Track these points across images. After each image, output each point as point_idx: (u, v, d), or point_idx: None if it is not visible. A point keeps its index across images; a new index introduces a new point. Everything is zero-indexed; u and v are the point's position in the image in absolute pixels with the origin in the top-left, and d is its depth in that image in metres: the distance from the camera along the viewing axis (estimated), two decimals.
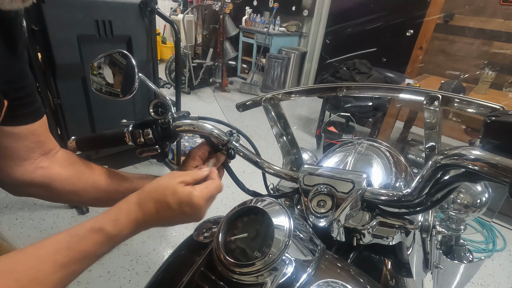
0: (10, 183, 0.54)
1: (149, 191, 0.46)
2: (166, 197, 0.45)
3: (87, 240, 0.39)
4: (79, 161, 0.60)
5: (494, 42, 3.01)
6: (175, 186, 0.46)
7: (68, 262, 0.37)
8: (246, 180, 0.63)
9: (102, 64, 0.57)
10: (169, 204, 0.45)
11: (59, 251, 0.37)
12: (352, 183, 0.49)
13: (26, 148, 0.53)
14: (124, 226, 0.43)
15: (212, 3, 4.46)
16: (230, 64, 5.14)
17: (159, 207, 0.45)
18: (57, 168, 0.56)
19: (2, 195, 2.00)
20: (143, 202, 0.45)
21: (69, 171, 0.58)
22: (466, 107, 0.58)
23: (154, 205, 0.45)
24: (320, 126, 3.00)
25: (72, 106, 1.78)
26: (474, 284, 1.75)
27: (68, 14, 1.56)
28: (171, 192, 0.45)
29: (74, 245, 0.38)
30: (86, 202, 0.61)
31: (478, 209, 0.68)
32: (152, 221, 0.45)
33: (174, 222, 0.48)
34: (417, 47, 3.41)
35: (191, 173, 0.49)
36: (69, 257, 0.37)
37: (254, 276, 0.39)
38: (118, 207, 0.44)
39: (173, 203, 0.45)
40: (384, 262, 0.67)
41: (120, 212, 0.44)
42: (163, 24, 5.67)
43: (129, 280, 1.55)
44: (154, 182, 0.47)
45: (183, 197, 0.45)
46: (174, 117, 0.58)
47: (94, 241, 0.40)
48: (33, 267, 0.34)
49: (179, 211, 0.45)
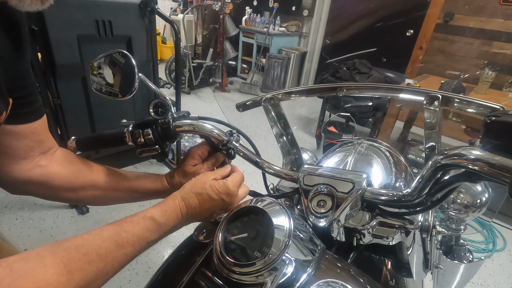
0: (8, 181, 0.54)
1: (190, 187, 0.52)
2: (206, 190, 0.51)
3: (140, 226, 0.44)
4: (78, 159, 0.60)
5: (494, 42, 3.01)
6: (211, 181, 0.53)
7: (124, 243, 0.41)
8: (246, 180, 0.63)
9: (102, 64, 0.57)
10: (210, 196, 0.51)
11: (117, 233, 0.42)
12: (352, 183, 0.49)
13: (26, 146, 0.53)
14: (171, 217, 0.48)
15: (212, 3, 4.46)
16: (230, 64, 5.14)
17: (200, 200, 0.51)
18: (55, 166, 0.57)
19: (2, 195, 2.00)
20: (187, 197, 0.51)
21: (67, 169, 0.58)
22: (466, 107, 0.58)
23: (196, 199, 0.51)
24: (320, 126, 3.00)
25: (72, 106, 1.78)
26: (474, 284, 1.75)
27: (68, 14, 1.55)
28: (209, 185, 0.52)
29: (129, 229, 0.43)
30: (84, 201, 0.61)
31: (478, 209, 0.68)
32: (195, 214, 0.51)
33: (214, 213, 0.53)
34: (417, 47, 3.41)
35: (218, 171, 0.56)
36: (125, 239, 0.42)
37: (254, 276, 0.39)
38: (166, 202, 0.49)
39: (213, 195, 0.51)
40: (384, 262, 0.67)
41: (167, 206, 0.49)
42: (163, 24, 5.67)
43: (129, 280, 1.55)
44: (193, 181, 0.53)
45: (220, 188, 0.52)
46: (174, 117, 0.58)
47: (146, 227, 0.44)
48: (98, 244, 0.39)
49: (219, 200, 0.52)
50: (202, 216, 0.52)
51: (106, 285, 0.40)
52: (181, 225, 0.50)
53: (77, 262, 0.36)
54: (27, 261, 0.33)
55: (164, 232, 0.47)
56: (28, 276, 0.32)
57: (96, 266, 0.38)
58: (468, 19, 3.11)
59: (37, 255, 0.34)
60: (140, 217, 0.45)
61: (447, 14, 3.19)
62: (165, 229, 0.47)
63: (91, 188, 0.59)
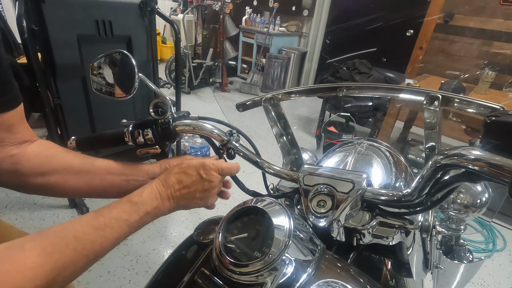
0: None
1: (170, 169, 0.54)
2: (183, 167, 0.53)
3: (117, 209, 0.46)
4: (57, 147, 0.58)
5: (494, 42, 3.01)
6: (189, 159, 0.55)
7: (102, 225, 0.43)
8: (246, 180, 0.63)
9: (102, 64, 0.57)
10: (186, 172, 0.53)
11: (95, 217, 0.44)
12: (352, 183, 0.49)
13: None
14: (148, 197, 0.49)
15: (212, 3, 4.46)
16: (230, 64, 5.14)
17: (178, 178, 0.52)
18: (28, 152, 0.54)
19: (2, 195, 2.00)
20: (165, 177, 0.52)
21: (41, 155, 0.55)
22: (466, 107, 0.58)
23: (174, 177, 0.52)
24: (320, 126, 3.00)
25: (72, 106, 1.78)
26: (474, 284, 1.75)
27: (68, 14, 1.56)
28: (186, 163, 0.54)
29: (106, 213, 0.45)
30: (53, 187, 0.56)
31: (478, 209, 0.67)
32: (176, 193, 0.52)
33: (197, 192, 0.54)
34: (417, 47, 3.41)
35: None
36: (102, 222, 0.43)
37: (254, 276, 0.39)
38: (144, 185, 0.51)
39: (190, 170, 0.53)
40: (384, 262, 0.67)
41: (144, 188, 0.50)
42: (163, 24, 5.67)
43: (129, 280, 1.55)
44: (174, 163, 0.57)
45: (197, 164, 0.54)
46: (174, 117, 0.58)
47: (123, 209, 0.46)
48: (75, 229, 0.41)
49: (197, 176, 0.53)
50: (185, 196, 0.53)
51: (106, 285, 0.41)
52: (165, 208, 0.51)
53: (54, 245, 0.38)
54: (8, 247, 0.36)
55: (144, 212, 0.47)
56: (8, 260, 0.34)
57: (74, 248, 0.39)
58: (468, 19, 3.11)
59: (19, 242, 0.37)
60: (117, 202, 0.47)
61: (447, 14, 3.19)
62: (144, 209, 0.47)
63: (63, 171, 0.55)
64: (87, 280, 1.50)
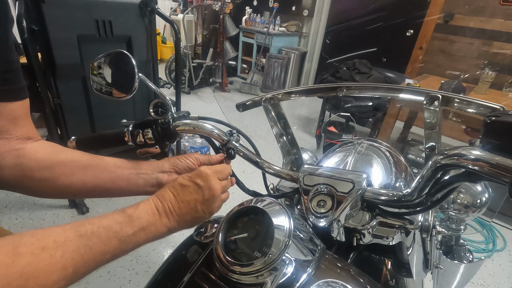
0: None
1: (167, 185, 0.51)
2: (178, 180, 0.51)
3: (109, 218, 0.42)
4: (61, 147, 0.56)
5: (494, 42, 3.01)
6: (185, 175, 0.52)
7: (88, 233, 0.39)
8: (246, 180, 0.63)
9: (102, 64, 0.57)
10: (182, 184, 0.50)
11: (82, 224, 0.40)
12: (352, 183, 0.49)
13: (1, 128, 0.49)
14: (144, 211, 0.46)
15: (212, 3, 4.46)
16: (230, 64, 5.14)
17: (174, 192, 0.50)
18: (34, 147, 0.52)
19: (2, 195, 2.00)
20: (161, 192, 0.50)
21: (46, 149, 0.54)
22: (466, 107, 0.58)
23: (170, 191, 0.50)
24: (320, 126, 3.00)
25: (72, 106, 1.78)
26: (474, 284, 1.75)
27: (68, 14, 1.55)
28: (182, 177, 0.52)
29: (96, 221, 0.41)
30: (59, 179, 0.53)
31: (478, 209, 0.67)
32: (173, 209, 0.48)
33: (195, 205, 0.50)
34: (417, 47, 3.41)
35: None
36: (90, 230, 0.39)
37: (254, 276, 0.39)
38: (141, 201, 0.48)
39: (185, 181, 0.51)
40: (384, 262, 0.67)
41: (140, 202, 0.47)
42: (163, 24, 5.67)
43: (129, 280, 1.55)
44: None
45: (193, 174, 0.52)
46: (174, 117, 0.58)
47: (115, 219, 0.42)
48: (57, 232, 0.37)
49: (194, 186, 0.50)
50: (188, 212, 0.49)
51: (106, 285, 0.40)
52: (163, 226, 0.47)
53: (29, 246, 0.34)
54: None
55: (139, 227, 0.43)
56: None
57: (50, 254, 0.34)
58: (468, 19, 3.11)
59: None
60: (110, 212, 0.43)
61: (447, 14, 3.19)
62: (139, 224, 0.44)
63: (70, 163, 0.54)
64: (87, 280, 1.49)
